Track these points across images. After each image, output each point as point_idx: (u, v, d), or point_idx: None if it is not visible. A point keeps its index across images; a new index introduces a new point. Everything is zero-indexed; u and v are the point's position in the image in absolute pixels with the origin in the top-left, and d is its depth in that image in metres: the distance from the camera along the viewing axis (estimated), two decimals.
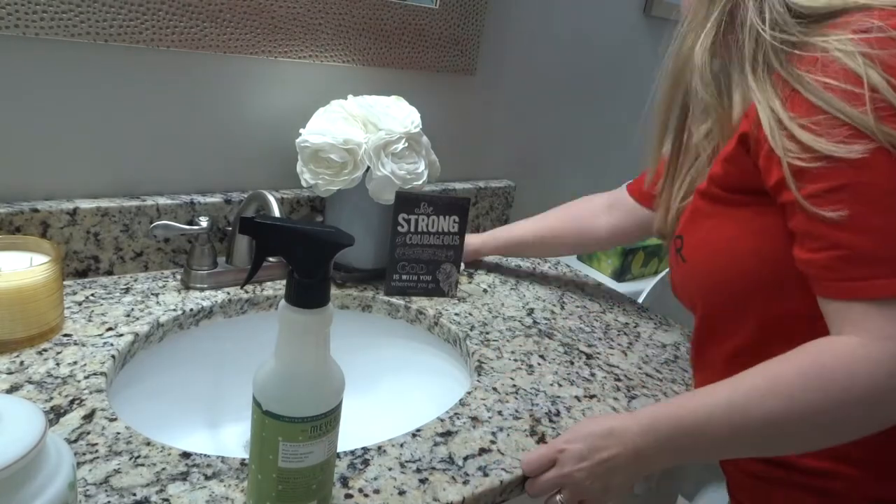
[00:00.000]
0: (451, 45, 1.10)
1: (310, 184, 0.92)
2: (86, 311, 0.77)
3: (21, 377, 0.65)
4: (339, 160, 0.88)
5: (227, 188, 0.96)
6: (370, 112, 0.92)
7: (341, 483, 0.57)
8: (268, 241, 0.48)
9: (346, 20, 0.97)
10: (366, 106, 0.92)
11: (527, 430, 0.69)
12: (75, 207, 0.82)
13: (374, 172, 0.88)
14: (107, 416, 0.61)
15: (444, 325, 0.89)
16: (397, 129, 0.90)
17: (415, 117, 0.94)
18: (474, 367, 0.80)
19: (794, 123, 0.53)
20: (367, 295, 0.93)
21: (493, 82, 1.19)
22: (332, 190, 0.90)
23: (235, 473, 0.56)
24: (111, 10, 0.79)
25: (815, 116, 0.52)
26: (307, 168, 0.91)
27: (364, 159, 0.88)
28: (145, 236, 0.88)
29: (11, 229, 0.78)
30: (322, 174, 0.90)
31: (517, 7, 1.17)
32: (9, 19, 0.74)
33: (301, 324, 0.47)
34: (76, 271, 0.84)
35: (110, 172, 0.87)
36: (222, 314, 0.86)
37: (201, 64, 0.88)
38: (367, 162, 0.89)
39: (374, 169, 0.88)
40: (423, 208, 0.92)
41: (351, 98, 0.96)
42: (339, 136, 0.88)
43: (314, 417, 0.48)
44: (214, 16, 0.86)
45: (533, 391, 0.76)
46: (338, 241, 0.47)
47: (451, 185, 1.19)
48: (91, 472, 0.54)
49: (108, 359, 0.69)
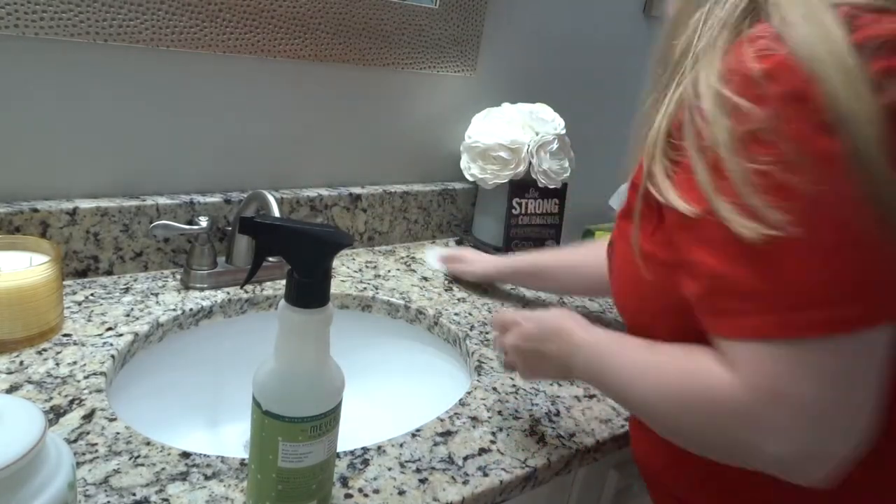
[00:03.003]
0: (451, 45, 1.10)
1: (477, 178, 1.12)
2: (85, 311, 0.77)
3: (21, 377, 0.65)
4: (507, 157, 1.07)
5: (226, 188, 0.96)
6: (529, 116, 1.11)
7: (341, 483, 0.57)
8: (268, 240, 0.48)
9: (346, 20, 0.97)
10: (525, 112, 1.11)
11: (527, 430, 0.69)
12: (75, 207, 0.82)
13: (538, 167, 1.09)
14: (106, 416, 0.61)
15: (444, 325, 0.89)
16: (551, 130, 1.10)
17: (560, 121, 1.12)
18: (474, 367, 0.80)
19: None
20: (367, 295, 0.93)
21: (493, 82, 1.19)
22: (499, 183, 1.10)
23: (235, 473, 0.56)
24: (111, 9, 0.79)
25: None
26: (475, 164, 1.12)
27: (526, 157, 1.08)
28: (145, 236, 0.88)
29: (11, 229, 0.78)
30: (490, 169, 1.09)
31: (517, 7, 1.16)
32: (8, 19, 0.74)
33: (301, 324, 0.47)
34: (76, 271, 0.84)
35: (110, 172, 0.87)
36: (222, 314, 0.86)
37: (201, 64, 0.88)
38: (529, 159, 1.08)
39: (535, 164, 1.09)
40: (531, 193, 1.12)
41: (505, 105, 1.14)
42: (507, 137, 1.08)
43: (314, 417, 0.48)
44: (214, 16, 0.86)
45: (533, 391, 0.76)
46: (337, 240, 0.47)
47: (450, 184, 1.19)
48: (91, 472, 0.54)
49: (107, 359, 0.69)
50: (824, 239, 0.42)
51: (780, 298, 0.44)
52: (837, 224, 0.42)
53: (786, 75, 0.43)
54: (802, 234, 0.42)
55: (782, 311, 0.44)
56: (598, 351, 0.59)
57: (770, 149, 0.42)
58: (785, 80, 0.43)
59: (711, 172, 0.45)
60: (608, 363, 0.58)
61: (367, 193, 1.07)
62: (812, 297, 0.43)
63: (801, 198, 0.42)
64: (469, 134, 1.13)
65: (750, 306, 0.45)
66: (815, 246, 0.43)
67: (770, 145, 0.43)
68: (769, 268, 0.44)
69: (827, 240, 0.43)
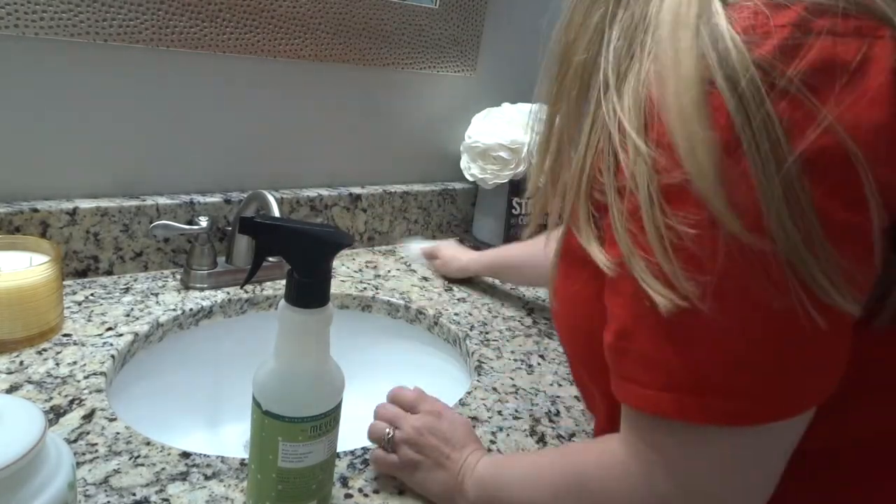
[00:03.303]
0: (451, 45, 1.10)
1: (477, 178, 1.11)
2: (85, 311, 0.77)
3: (21, 377, 0.65)
4: (507, 157, 1.07)
5: (226, 188, 0.96)
6: (529, 116, 1.05)
7: (341, 483, 0.57)
8: (268, 240, 0.48)
9: (346, 20, 0.97)
10: (525, 112, 1.10)
11: (527, 430, 0.69)
12: (75, 207, 0.82)
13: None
14: (106, 415, 0.61)
15: (444, 325, 0.89)
16: None
17: None
18: (474, 367, 0.80)
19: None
20: (367, 295, 0.93)
21: (493, 82, 1.19)
22: (499, 183, 1.09)
23: (235, 473, 0.56)
24: (111, 9, 0.79)
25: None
26: (475, 164, 1.11)
27: (527, 157, 1.06)
28: (145, 236, 0.88)
29: (11, 229, 0.78)
30: (490, 169, 1.09)
31: (517, 7, 1.16)
32: (8, 19, 0.73)
33: (301, 324, 0.47)
34: (76, 271, 0.84)
35: (110, 172, 0.87)
36: (222, 314, 0.86)
37: (201, 64, 0.88)
38: (529, 159, 1.09)
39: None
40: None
41: (505, 105, 1.14)
42: (507, 137, 1.07)
43: (314, 417, 0.48)
44: (214, 16, 0.86)
45: (533, 391, 0.76)
46: (337, 240, 0.47)
47: (450, 184, 1.19)
48: (91, 472, 0.54)
49: (107, 359, 0.69)
50: (735, 322, 0.37)
51: (682, 377, 0.39)
52: (753, 304, 0.36)
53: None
54: (713, 313, 0.36)
55: (683, 392, 0.39)
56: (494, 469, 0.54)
57: (691, 208, 0.36)
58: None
59: (630, 221, 0.39)
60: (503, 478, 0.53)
61: (367, 193, 1.07)
62: (717, 383, 0.38)
63: (713, 270, 0.36)
64: (469, 134, 1.13)
65: (651, 378, 0.40)
66: (725, 328, 0.37)
67: (691, 204, 0.36)
68: (676, 341, 0.39)
69: (738, 323, 0.37)
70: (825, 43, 0.34)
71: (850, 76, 0.33)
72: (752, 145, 0.34)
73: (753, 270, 0.35)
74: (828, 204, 0.34)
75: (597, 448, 0.47)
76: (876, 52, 0.34)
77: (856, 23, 0.34)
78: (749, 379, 0.38)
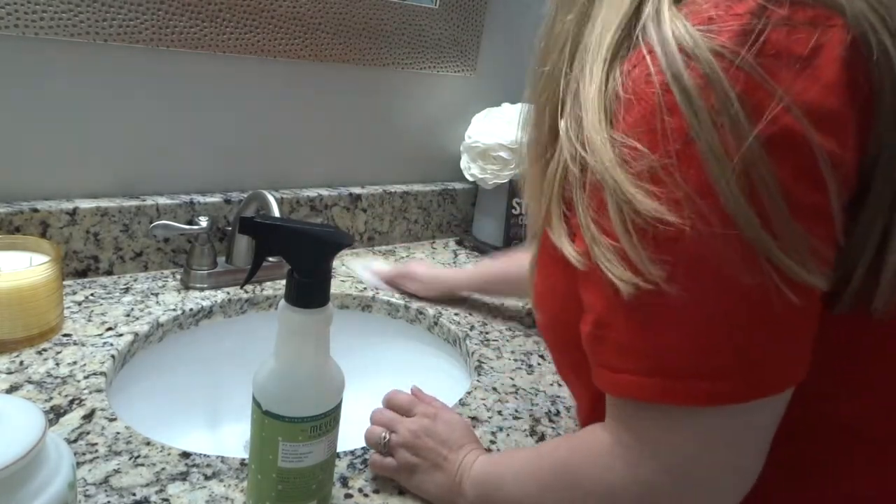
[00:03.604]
0: (451, 45, 1.10)
1: (477, 178, 1.11)
2: (85, 311, 0.77)
3: (21, 377, 0.65)
4: (507, 157, 1.06)
5: (226, 188, 0.96)
6: (519, 118, 1.07)
7: (341, 483, 0.57)
8: (268, 240, 0.48)
9: (346, 20, 0.97)
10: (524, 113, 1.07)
11: (527, 430, 0.69)
12: (75, 207, 0.82)
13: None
14: (106, 415, 0.61)
15: (443, 325, 0.89)
16: None
17: None
18: (474, 367, 0.80)
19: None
20: (367, 295, 0.93)
21: (493, 82, 1.19)
22: (499, 183, 1.09)
23: (235, 473, 0.56)
24: (111, 10, 0.79)
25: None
26: (475, 164, 1.11)
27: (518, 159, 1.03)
28: (145, 236, 0.88)
29: (11, 229, 0.78)
30: (490, 169, 1.09)
31: (517, 7, 1.16)
32: (8, 19, 0.74)
33: (301, 324, 0.47)
34: (76, 271, 0.84)
35: (110, 172, 0.87)
36: (222, 314, 0.86)
37: (201, 64, 0.88)
38: None
39: None
40: None
41: (505, 105, 1.14)
42: (507, 137, 1.06)
43: (314, 417, 0.48)
44: (214, 16, 0.86)
45: (533, 391, 0.76)
46: (337, 240, 0.47)
47: (450, 184, 1.19)
48: (91, 472, 0.54)
49: (107, 359, 0.69)
50: (710, 302, 0.38)
51: (661, 361, 0.40)
52: (725, 283, 0.37)
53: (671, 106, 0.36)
54: (685, 294, 0.37)
55: (663, 376, 0.39)
56: (486, 480, 0.54)
57: (661, 189, 0.37)
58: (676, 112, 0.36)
59: (593, 210, 0.40)
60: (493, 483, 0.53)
61: (367, 193, 1.07)
62: (694, 365, 0.39)
63: (680, 251, 0.37)
64: (469, 134, 1.13)
65: (630, 364, 0.41)
66: (698, 309, 0.38)
67: (661, 185, 0.37)
68: (651, 326, 0.39)
69: (712, 303, 0.38)
70: (780, 33, 0.35)
71: (801, 64, 0.35)
72: (707, 128, 0.35)
73: (723, 250, 0.36)
74: (794, 184, 0.35)
75: (584, 438, 0.48)
76: (827, 40, 0.35)
77: (811, 12, 0.36)
78: (729, 358, 0.38)
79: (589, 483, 0.45)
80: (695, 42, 0.36)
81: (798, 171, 0.35)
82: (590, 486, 0.45)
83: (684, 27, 0.36)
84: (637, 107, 0.38)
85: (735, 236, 0.36)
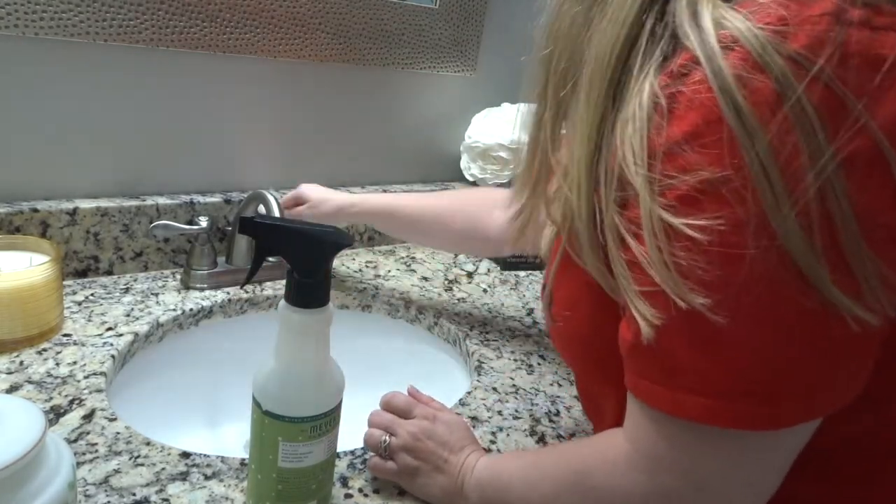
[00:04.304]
0: (451, 45, 1.10)
1: (477, 178, 1.12)
2: (85, 311, 0.77)
3: (21, 377, 0.65)
4: (507, 157, 1.07)
5: (226, 188, 0.96)
6: (517, 118, 1.09)
7: (341, 483, 0.57)
8: (268, 241, 0.48)
9: (346, 20, 0.97)
10: (523, 112, 1.07)
11: (527, 430, 0.69)
12: (75, 207, 0.82)
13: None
14: (106, 415, 0.61)
15: (443, 325, 0.89)
16: None
17: None
18: (474, 367, 0.80)
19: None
20: (367, 295, 0.93)
21: (493, 82, 1.19)
22: (499, 183, 1.09)
23: (235, 473, 0.56)
24: (111, 10, 0.79)
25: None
26: (475, 164, 1.12)
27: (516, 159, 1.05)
28: (145, 236, 0.88)
29: (11, 229, 0.78)
30: (490, 169, 1.10)
31: (517, 7, 1.16)
32: (8, 19, 0.74)
33: (301, 324, 0.47)
34: (76, 271, 0.84)
35: (110, 172, 0.87)
36: (222, 314, 0.86)
37: (201, 64, 0.88)
38: None
39: None
40: None
41: (505, 105, 1.14)
42: (507, 137, 1.07)
43: (314, 417, 0.48)
44: (214, 16, 0.86)
45: (533, 391, 0.76)
46: (337, 240, 0.47)
47: (450, 184, 1.19)
48: (91, 471, 0.54)
49: (107, 358, 0.69)
50: (761, 326, 0.36)
51: (712, 382, 0.38)
52: (778, 310, 0.36)
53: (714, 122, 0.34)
54: (735, 318, 0.36)
55: (713, 397, 0.38)
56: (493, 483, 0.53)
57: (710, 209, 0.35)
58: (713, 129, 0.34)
59: (629, 238, 0.38)
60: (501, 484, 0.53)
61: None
62: (745, 388, 0.38)
63: (736, 274, 0.35)
64: (469, 134, 1.13)
65: (678, 381, 0.39)
66: (752, 332, 0.37)
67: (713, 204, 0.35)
68: (704, 345, 0.38)
69: (764, 327, 0.36)
70: (862, 35, 0.32)
71: (886, 72, 0.32)
72: (771, 146, 0.32)
73: (778, 273, 0.34)
74: (870, 204, 0.33)
75: (599, 443, 0.47)
76: None
77: (893, 18, 0.33)
78: (781, 384, 0.37)
79: (604, 490, 0.45)
80: (762, 45, 0.32)
81: (876, 191, 0.33)
82: (606, 493, 0.45)
83: (747, 26, 0.33)
84: (687, 118, 0.35)
85: (790, 261, 0.34)
